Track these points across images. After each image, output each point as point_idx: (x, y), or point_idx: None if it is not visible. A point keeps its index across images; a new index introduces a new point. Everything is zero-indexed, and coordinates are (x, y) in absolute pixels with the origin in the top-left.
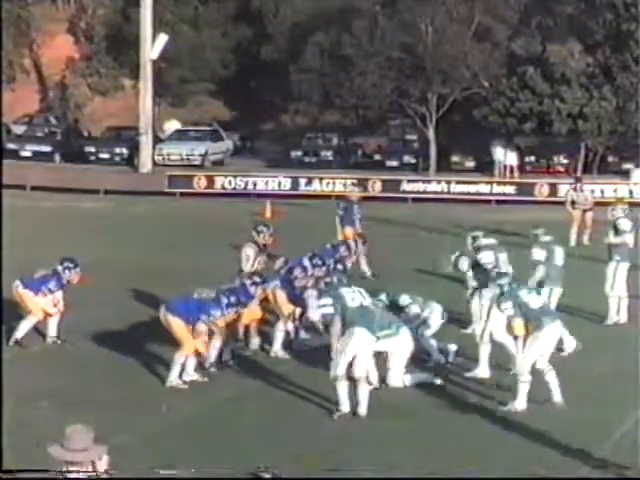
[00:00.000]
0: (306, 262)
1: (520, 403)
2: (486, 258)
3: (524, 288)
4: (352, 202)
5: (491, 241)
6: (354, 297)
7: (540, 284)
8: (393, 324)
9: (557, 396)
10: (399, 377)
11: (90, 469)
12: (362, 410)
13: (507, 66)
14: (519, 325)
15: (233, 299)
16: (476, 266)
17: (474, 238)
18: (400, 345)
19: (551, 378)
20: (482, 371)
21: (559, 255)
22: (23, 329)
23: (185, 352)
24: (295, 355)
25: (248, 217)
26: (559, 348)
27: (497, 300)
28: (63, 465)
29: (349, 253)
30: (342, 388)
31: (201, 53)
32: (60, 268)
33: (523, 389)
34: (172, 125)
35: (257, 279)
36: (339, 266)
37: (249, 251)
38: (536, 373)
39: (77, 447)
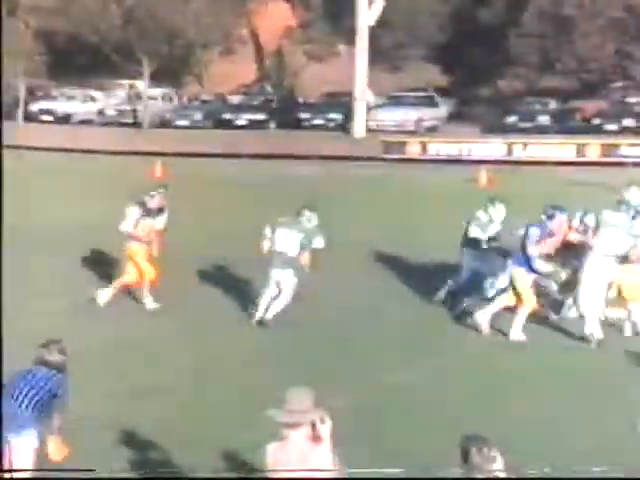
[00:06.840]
0: None
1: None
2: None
3: None
4: None
5: None
6: None
7: None
8: None
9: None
10: None
11: (310, 432)
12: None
13: None
14: None
15: None
16: None
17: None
18: None
19: None
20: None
21: None
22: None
23: (527, 308)
24: None
25: (464, 185)
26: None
27: None
28: (283, 428)
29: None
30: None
31: (417, 18)
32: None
33: None
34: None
35: None
36: None
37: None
38: None
39: (296, 409)
